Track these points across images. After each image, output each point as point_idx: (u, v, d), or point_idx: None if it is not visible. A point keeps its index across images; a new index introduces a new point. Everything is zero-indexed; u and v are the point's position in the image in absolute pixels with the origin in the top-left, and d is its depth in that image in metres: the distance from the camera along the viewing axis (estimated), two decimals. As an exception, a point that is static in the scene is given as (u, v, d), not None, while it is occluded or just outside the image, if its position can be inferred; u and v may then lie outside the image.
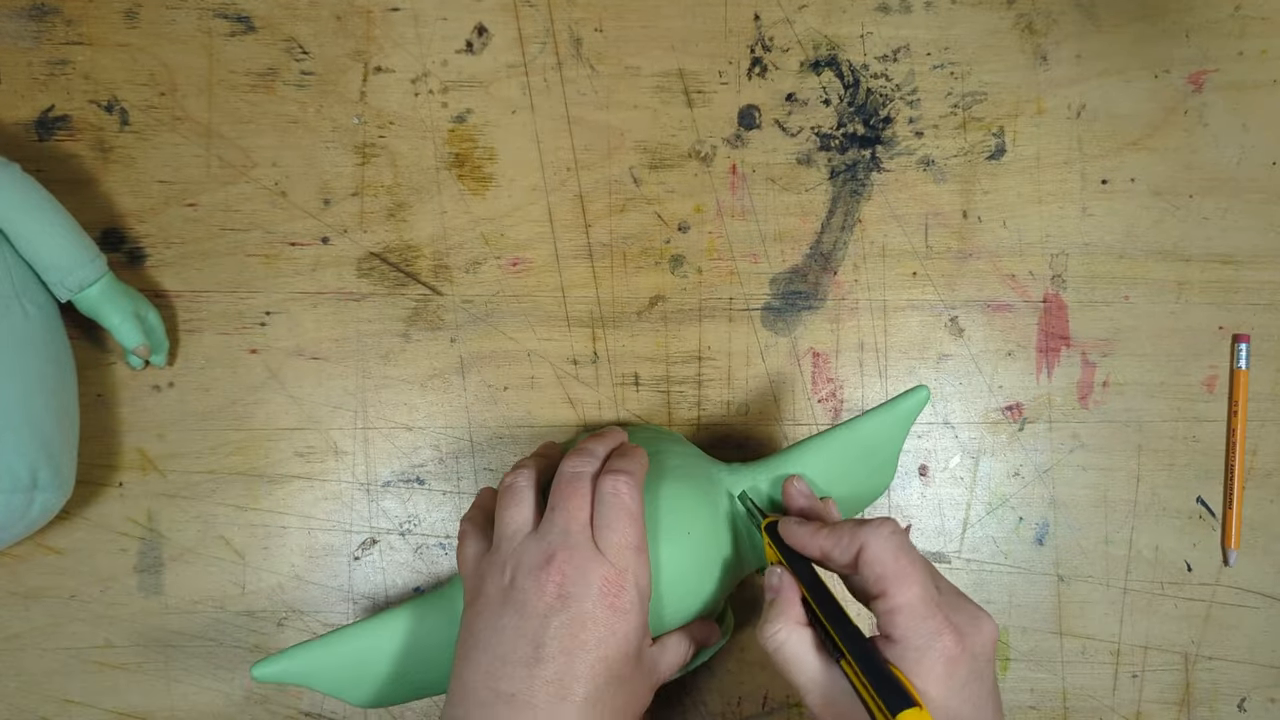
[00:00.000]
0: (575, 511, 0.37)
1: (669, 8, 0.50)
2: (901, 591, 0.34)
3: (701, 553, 0.40)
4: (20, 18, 0.48)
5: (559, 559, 0.36)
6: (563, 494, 0.38)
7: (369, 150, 0.49)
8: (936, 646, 0.33)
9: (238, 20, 0.48)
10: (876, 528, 0.36)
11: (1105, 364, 0.51)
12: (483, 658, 0.35)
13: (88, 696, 0.48)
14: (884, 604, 0.35)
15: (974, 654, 0.34)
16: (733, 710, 0.50)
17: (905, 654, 0.34)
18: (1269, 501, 0.51)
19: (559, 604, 0.35)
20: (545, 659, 0.34)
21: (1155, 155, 0.51)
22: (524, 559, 0.37)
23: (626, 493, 0.38)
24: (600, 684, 0.35)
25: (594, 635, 0.35)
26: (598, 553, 0.36)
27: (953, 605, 0.35)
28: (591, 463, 0.39)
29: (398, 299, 0.49)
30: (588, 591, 0.35)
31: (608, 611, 0.36)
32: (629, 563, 0.37)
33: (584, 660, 0.35)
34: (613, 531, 0.37)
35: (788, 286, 0.50)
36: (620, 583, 0.36)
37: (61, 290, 0.43)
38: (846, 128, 0.50)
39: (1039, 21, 0.51)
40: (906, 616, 0.34)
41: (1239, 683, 0.51)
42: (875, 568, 0.35)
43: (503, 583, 0.37)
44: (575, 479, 0.38)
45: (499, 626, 0.36)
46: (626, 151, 0.50)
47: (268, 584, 0.48)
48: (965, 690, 0.33)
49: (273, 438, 0.49)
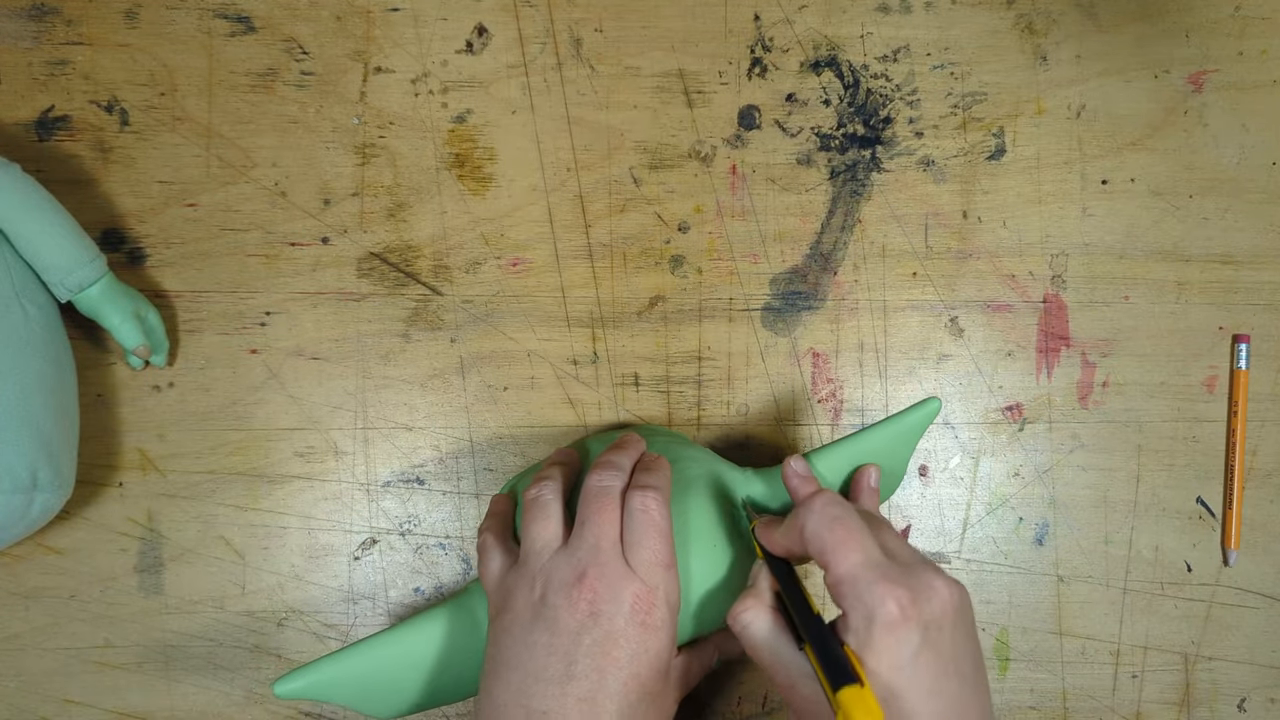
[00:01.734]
0: (605, 527, 0.37)
1: (669, 8, 0.50)
2: (841, 560, 0.33)
3: (727, 563, 0.41)
4: (20, 18, 0.48)
5: (590, 576, 0.36)
6: (591, 509, 0.38)
7: (369, 150, 0.49)
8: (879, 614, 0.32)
9: (238, 20, 0.48)
10: (808, 503, 0.35)
11: (1105, 364, 0.51)
12: (513, 676, 0.35)
13: (88, 696, 0.48)
14: (829, 578, 0.34)
15: (925, 622, 0.32)
16: (733, 710, 0.50)
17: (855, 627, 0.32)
18: (1269, 501, 0.51)
19: (591, 621, 0.35)
20: (577, 676, 0.34)
21: (1155, 155, 0.51)
22: (554, 575, 0.37)
23: (655, 509, 0.38)
24: (633, 701, 0.35)
25: (626, 652, 0.35)
26: (629, 570, 0.37)
27: (901, 572, 0.33)
28: (619, 476, 0.39)
29: (398, 299, 0.49)
30: (619, 609, 0.35)
31: (639, 629, 0.36)
32: (659, 580, 0.37)
33: (616, 678, 0.35)
34: (643, 549, 0.37)
35: (788, 287, 0.50)
36: (651, 600, 0.36)
37: (61, 290, 0.43)
38: (846, 128, 0.50)
39: (1039, 21, 0.51)
40: (849, 586, 0.33)
41: (1239, 683, 0.51)
42: (815, 543, 0.34)
43: (532, 599, 0.37)
44: (603, 494, 0.38)
45: (530, 643, 0.36)
46: (626, 151, 0.50)
47: (268, 584, 0.48)
48: (918, 661, 0.31)
49: (273, 438, 0.49)
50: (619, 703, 0.34)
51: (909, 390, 0.50)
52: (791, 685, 0.34)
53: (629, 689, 0.35)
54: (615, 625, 0.35)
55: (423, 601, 0.49)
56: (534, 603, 0.37)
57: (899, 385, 0.51)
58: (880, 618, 0.32)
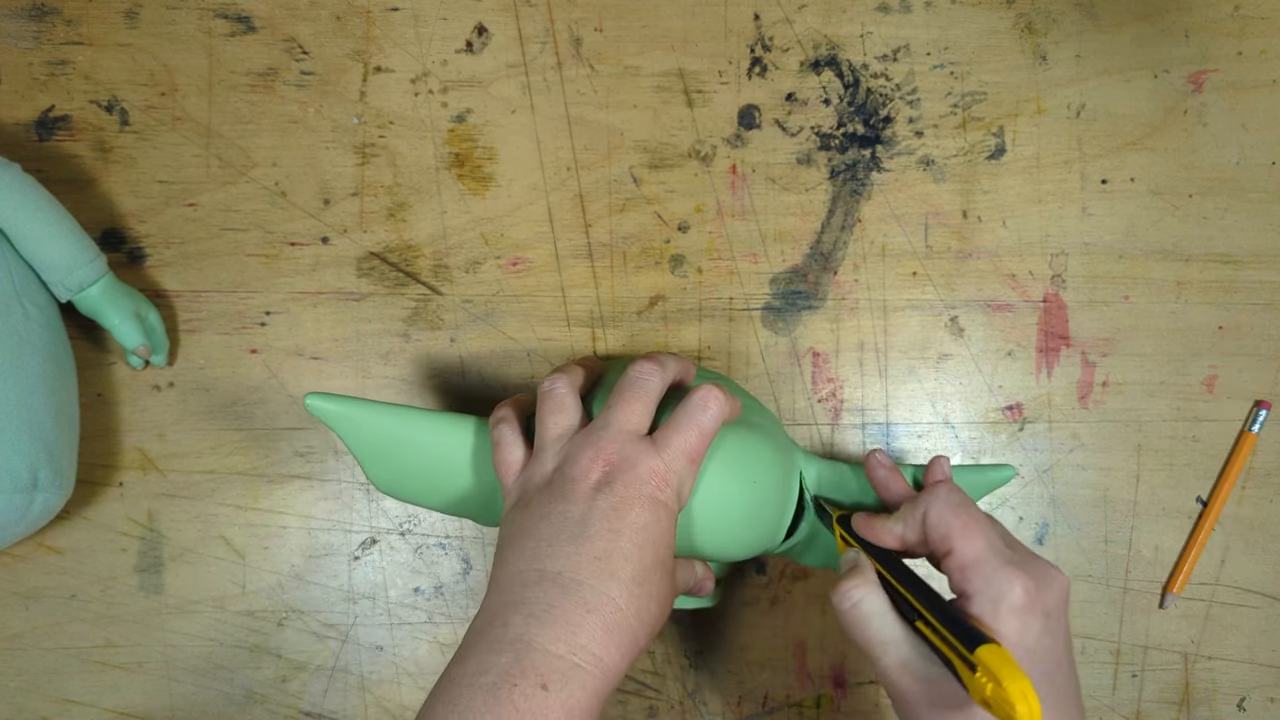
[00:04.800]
0: (633, 415, 0.37)
1: (669, 8, 0.50)
2: (967, 546, 0.35)
3: (757, 506, 0.41)
4: (20, 18, 0.48)
5: (607, 449, 0.36)
6: (624, 396, 0.38)
7: (369, 150, 0.49)
8: (1008, 598, 0.33)
9: (238, 20, 0.48)
10: (933, 490, 0.37)
11: (1105, 364, 0.51)
12: (528, 542, 0.35)
13: (88, 696, 0.48)
14: (953, 561, 0.35)
15: (1046, 610, 0.34)
16: (733, 710, 0.50)
17: (980, 607, 0.34)
18: (1268, 501, 0.51)
19: (605, 487, 0.35)
20: (591, 536, 0.34)
21: (1155, 155, 0.51)
22: (572, 452, 0.37)
23: (715, 409, 0.37)
24: (647, 564, 0.35)
25: (638, 518, 0.35)
26: (652, 447, 0.36)
27: (1023, 560, 0.35)
28: (662, 374, 0.39)
29: (398, 299, 0.49)
30: (634, 478, 0.35)
31: (650, 500, 0.35)
32: (679, 467, 0.37)
33: (630, 540, 0.34)
34: (678, 434, 0.37)
35: (788, 286, 0.50)
36: (666, 478, 0.36)
37: (62, 290, 0.43)
38: (846, 128, 0.50)
39: (1039, 21, 0.51)
40: (974, 570, 0.35)
41: (1239, 682, 0.51)
42: (939, 528, 0.36)
43: (548, 475, 0.37)
44: (640, 385, 0.38)
45: (544, 513, 0.35)
46: (626, 151, 0.50)
47: (268, 584, 0.48)
48: (1039, 644, 0.33)
49: (273, 438, 0.49)
50: (634, 565, 0.34)
51: (909, 390, 0.50)
52: (903, 663, 0.35)
53: (643, 552, 0.35)
54: (629, 492, 0.35)
55: (423, 601, 0.49)
56: (549, 477, 0.37)
57: (899, 385, 0.51)
58: (1009, 601, 0.33)
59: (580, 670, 0.32)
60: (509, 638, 0.32)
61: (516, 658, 0.32)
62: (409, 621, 0.49)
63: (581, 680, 0.32)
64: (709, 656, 0.50)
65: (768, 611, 0.50)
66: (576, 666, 0.32)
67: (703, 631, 0.50)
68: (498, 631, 0.33)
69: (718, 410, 0.37)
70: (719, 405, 0.38)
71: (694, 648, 0.50)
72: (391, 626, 0.49)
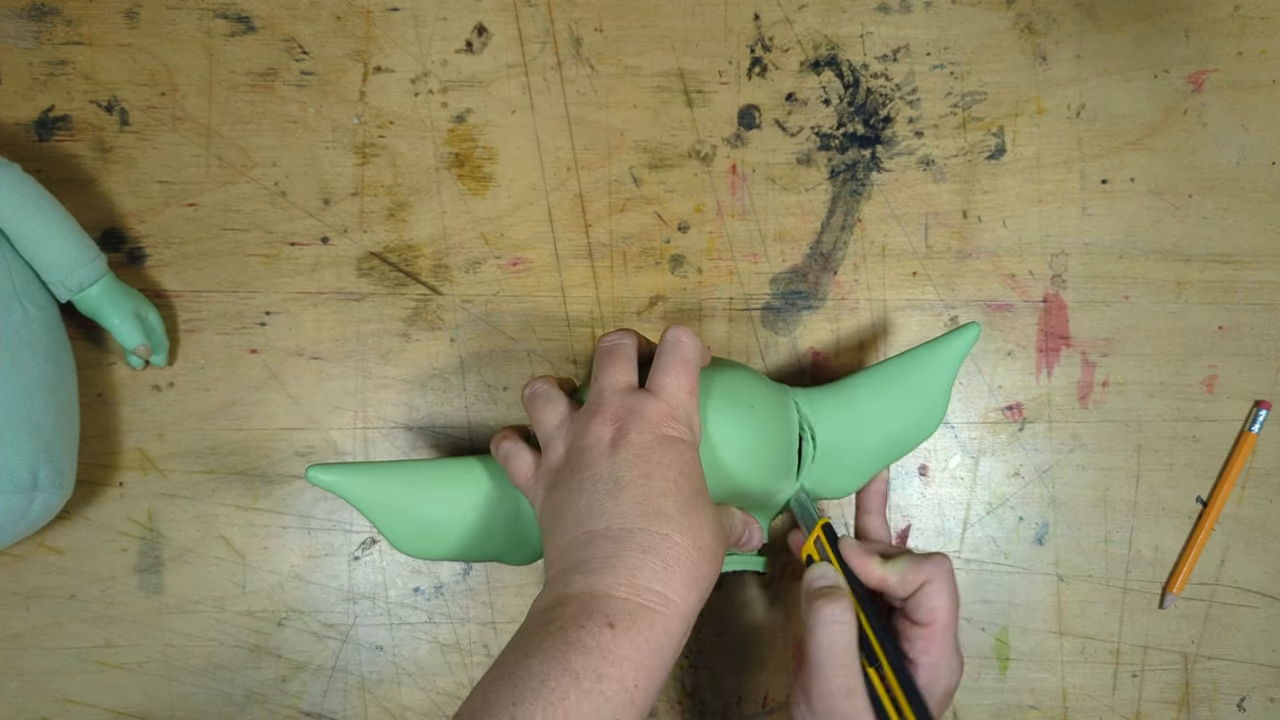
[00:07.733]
0: (619, 374, 0.38)
1: (669, 8, 0.50)
2: (944, 622, 0.38)
3: (761, 429, 0.41)
4: (20, 18, 0.48)
5: (610, 407, 0.37)
6: (604, 363, 0.39)
7: (369, 150, 0.49)
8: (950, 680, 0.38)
9: (238, 20, 0.48)
10: (939, 564, 0.39)
11: (1105, 364, 0.51)
12: (568, 516, 0.36)
13: (88, 696, 0.48)
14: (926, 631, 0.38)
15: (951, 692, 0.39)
16: (733, 710, 0.50)
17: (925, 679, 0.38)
18: (1268, 501, 0.51)
19: (620, 439, 0.36)
20: (625, 486, 0.35)
21: (1155, 155, 0.51)
22: (577, 428, 0.38)
23: (688, 342, 0.39)
24: (687, 496, 0.35)
25: (663, 457, 0.35)
26: (648, 393, 0.37)
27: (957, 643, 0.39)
28: (631, 336, 0.40)
29: (397, 299, 0.49)
30: (645, 424, 0.36)
31: (666, 439, 0.36)
32: (681, 400, 0.37)
33: (662, 478, 0.35)
34: (667, 375, 0.38)
35: (788, 286, 0.50)
36: (673, 414, 0.37)
37: (62, 290, 0.43)
38: (846, 128, 0.50)
39: (1039, 21, 0.51)
40: (939, 647, 0.38)
41: (1239, 682, 0.51)
42: (935, 599, 0.38)
43: (563, 457, 0.37)
44: (615, 349, 0.39)
45: (574, 486, 0.36)
46: (626, 151, 0.50)
47: (268, 584, 0.48)
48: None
49: (273, 438, 0.49)
50: (674, 498, 0.35)
51: (909, 390, 0.51)
52: (848, 693, 0.36)
53: (679, 486, 0.35)
54: (645, 438, 0.36)
55: (423, 602, 0.49)
56: (565, 457, 0.37)
57: (899, 385, 0.51)
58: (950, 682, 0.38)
59: (646, 609, 0.32)
60: (571, 593, 0.33)
61: (581, 606, 0.32)
62: (409, 622, 0.49)
63: (649, 619, 0.32)
64: (709, 656, 0.50)
65: (768, 611, 0.50)
66: (642, 606, 0.32)
67: (702, 631, 0.50)
68: (559, 592, 0.33)
69: (691, 341, 0.39)
70: (690, 337, 0.39)
71: (694, 648, 0.50)
72: (391, 627, 0.49)
